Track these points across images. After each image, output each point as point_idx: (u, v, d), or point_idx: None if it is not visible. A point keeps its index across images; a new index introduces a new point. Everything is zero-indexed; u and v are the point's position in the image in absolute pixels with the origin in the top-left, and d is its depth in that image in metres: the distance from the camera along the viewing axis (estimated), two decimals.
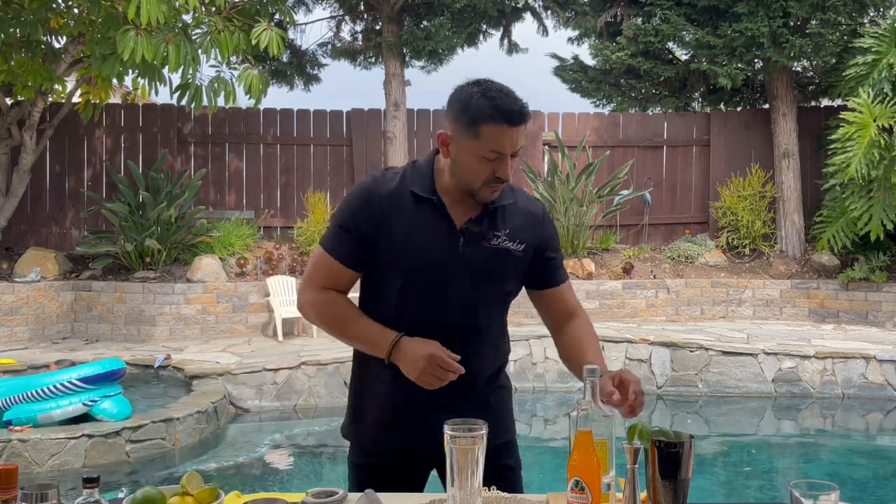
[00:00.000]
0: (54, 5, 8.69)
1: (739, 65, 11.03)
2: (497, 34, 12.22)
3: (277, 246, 10.42)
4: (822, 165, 10.64)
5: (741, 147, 11.78)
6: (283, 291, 9.36)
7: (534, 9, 12.20)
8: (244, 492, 1.79)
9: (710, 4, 10.79)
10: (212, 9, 8.34)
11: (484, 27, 11.92)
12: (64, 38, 9.33)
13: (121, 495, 1.67)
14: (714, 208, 11.47)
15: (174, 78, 8.26)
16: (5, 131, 9.83)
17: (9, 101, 9.82)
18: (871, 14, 11.21)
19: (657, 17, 11.51)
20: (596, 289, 10.05)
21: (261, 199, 11.30)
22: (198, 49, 7.90)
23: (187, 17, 8.35)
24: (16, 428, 5.51)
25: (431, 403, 1.89)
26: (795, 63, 11.29)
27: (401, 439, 1.99)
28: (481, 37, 12.03)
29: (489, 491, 1.77)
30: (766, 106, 11.84)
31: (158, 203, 9.56)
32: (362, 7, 11.60)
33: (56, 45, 9.49)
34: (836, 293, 10.17)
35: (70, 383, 5.67)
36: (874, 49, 9.95)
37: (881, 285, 9.87)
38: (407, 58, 11.28)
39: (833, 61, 11.00)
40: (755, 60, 11.22)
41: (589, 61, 12.84)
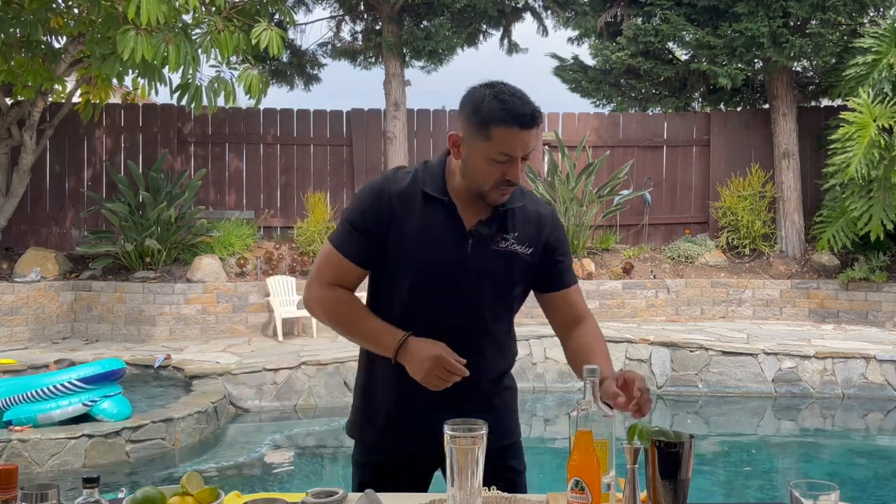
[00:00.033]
0: (54, 5, 8.69)
1: (739, 65, 11.03)
2: (497, 34, 12.22)
3: (277, 246, 10.42)
4: (822, 165, 10.64)
5: (741, 147, 11.78)
6: (283, 291, 9.36)
7: (534, 9, 12.20)
8: (244, 492, 1.79)
9: (710, 4, 10.79)
10: (212, 9, 8.34)
11: (484, 27, 11.92)
12: (64, 38, 9.33)
13: (121, 495, 1.67)
14: (714, 208, 11.47)
15: (174, 78, 8.27)
16: (5, 131, 9.83)
17: (9, 101, 9.83)
18: (871, 14, 11.21)
19: (657, 17, 11.51)
20: (596, 289, 10.05)
21: (261, 199, 11.30)
22: (198, 49, 7.90)
23: (187, 17, 8.35)
24: (16, 428, 5.51)
25: (435, 404, 1.89)
26: (795, 63, 11.29)
27: (405, 439, 1.99)
28: (481, 37, 12.03)
29: (489, 491, 1.77)
30: (766, 106, 11.84)
31: (158, 203, 9.56)
32: (362, 7, 11.60)
33: (56, 45, 9.49)
34: (836, 293, 10.17)
35: (70, 383, 5.67)
36: (874, 49, 9.96)
37: (881, 285, 9.87)
38: (407, 58, 11.28)
39: (833, 61, 11.00)
40: (755, 60, 11.22)
41: (589, 61, 12.85)
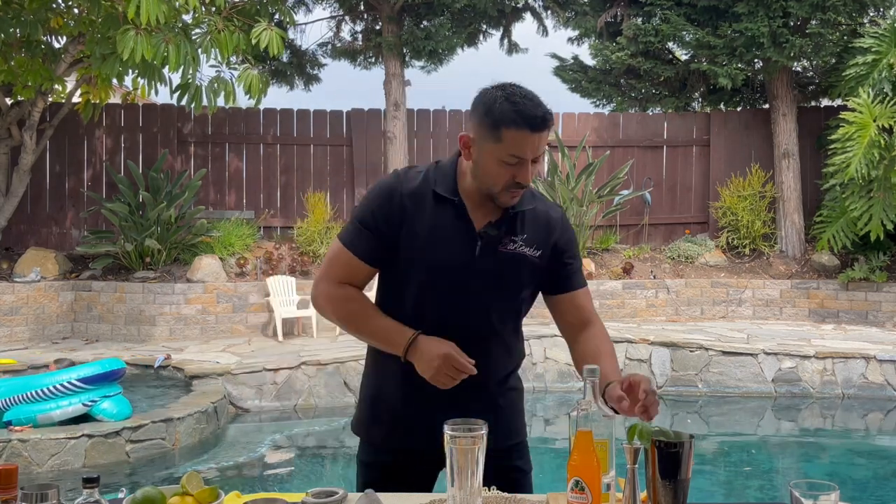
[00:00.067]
0: (54, 5, 8.69)
1: (739, 65, 11.03)
2: (497, 34, 12.22)
3: (277, 246, 10.42)
4: (822, 165, 10.64)
5: (741, 147, 11.78)
6: (283, 291, 9.36)
7: (534, 9, 12.20)
8: (244, 492, 1.79)
9: (710, 4, 10.80)
10: (212, 9, 8.34)
11: (484, 27, 11.92)
12: (64, 38, 9.33)
13: (121, 495, 1.67)
14: (714, 208, 11.47)
15: (174, 78, 8.27)
16: (5, 131, 9.83)
17: (9, 101, 9.83)
18: (871, 14, 11.21)
19: (657, 17, 11.51)
20: (596, 289, 10.05)
21: (261, 199, 11.30)
22: (198, 49, 7.90)
23: (187, 17, 8.35)
24: (16, 428, 5.51)
25: (441, 403, 1.88)
26: (795, 63, 11.29)
27: (409, 438, 1.99)
28: (481, 37, 12.03)
29: (489, 491, 1.77)
30: (766, 106, 11.84)
31: (158, 203, 9.56)
32: (362, 7, 11.60)
33: (56, 45, 9.49)
34: (836, 293, 10.17)
35: (70, 384, 5.67)
36: (874, 49, 9.96)
37: (881, 285, 9.87)
38: (407, 58, 11.28)
39: (833, 61, 11.00)
40: (755, 60, 11.22)
41: (589, 61, 12.85)
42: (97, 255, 9.78)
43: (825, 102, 12.24)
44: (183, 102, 8.37)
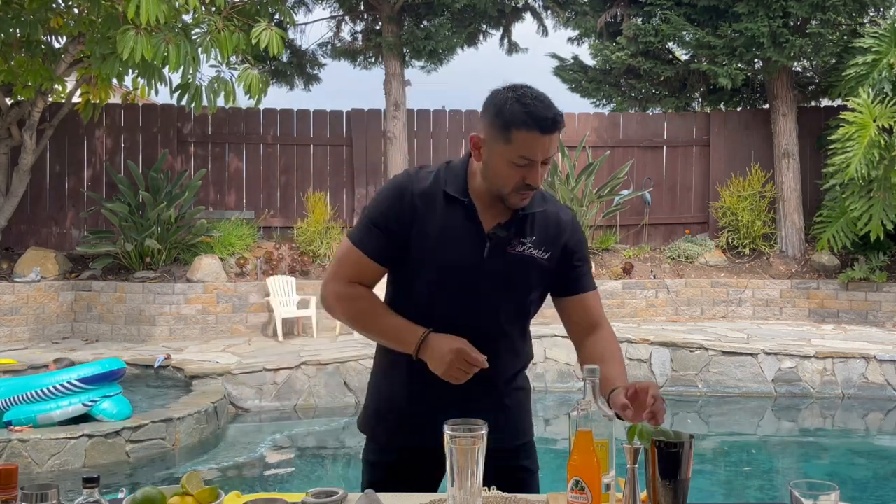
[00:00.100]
0: (54, 5, 8.69)
1: (739, 65, 11.03)
2: (497, 34, 12.23)
3: (277, 246, 10.42)
4: (822, 165, 10.64)
5: (741, 147, 11.78)
6: (283, 291, 9.36)
7: (534, 9, 12.20)
8: (244, 492, 1.79)
9: (710, 4, 10.80)
10: (212, 9, 8.34)
11: (484, 27, 11.93)
12: (64, 38, 9.33)
13: (121, 495, 1.67)
14: (714, 208, 11.47)
15: (174, 78, 8.27)
16: (5, 131, 9.83)
17: (9, 101, 9.83)
18: (871, 14, 11.22)
19: (657, 17, 11.52)
20: None
21: (261, 199, 11.30)
22: (198, 49, 7.90)
23: (187, 17, 8.35)
24: (16, 428, 5.51)
25: (447, 403, 1.88)
26: (795, 63, 11.29)
27: (415, 437, 1.98)
28: (481, 37, 12.03)
29: (489, 491, 1.77)
30: (766, 106, 11.84)
31: (158, 203, 9.56)
32: (362, 7, 11.60)
33: (56, 45, 9.49)
34: (836, 293, 10.17)
35: (70, 384, 5.67)
36: (874, 49, 9.96)
37: (881, 285, 9.87)
38: (407, 58, 11.28)
39: (833, 61, 11.00)
40: (755, 60, 11.22)
41: (589, 61, 12.85)
42: (97, 255, 9.78)
43: (825, 102, 12.24)
44: (183, 102, 8.37)
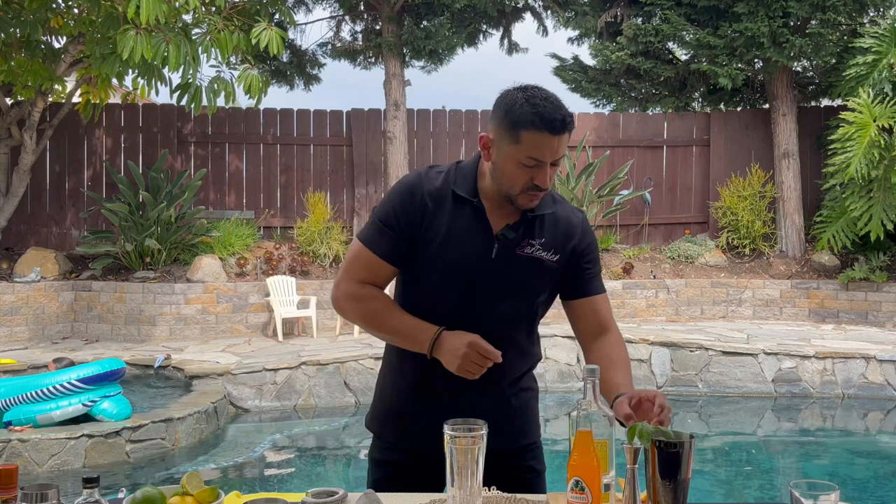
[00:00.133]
0: (54, 5, 8.69)
1: (739, 65, 11.03)
2: (497, 34, 12.23)
3: (277, 246, 10.42)
4: (822, 165, 10.65)
5: (741, 147, 11.78)
6: (283, 291, 9.36)
7: (534, 9, 12.20)
8: (244, 492, 1.79)
9: (710, 4, 10.80)
10: (212, 9, 8.34)
11: (484, 27, 11.93)
12: (64, 38, 9.33)
13: (121, 495, 1.67)
14: (714, 208, 11.47)
15: (174, 78, 8.28)
16: (5, 131, 9.83)
17: (9, 101, 9.83)
18: (871, 14, 11.22)
19: (657, 17, 11.52)
20: None
21: (261, 199, 11.30)
22: (198, 49, 7.89)
23: (187, 17, 8.35)
24: (16, 428, 5.51)
25: (454, 403, 1.88)
26: (795, 63, 11.29)
27: (421, 439, 1.98)
28: (481, 37, 12.03)
29: (489, 491, 1.77)
30: (766, 106, 11.84)
31: (158, 203, 9.56)
32: (362, 7, 11.60)
33: (56, 45, 9.49)
34: (836, 293, 10.17)
35: (70, 384, 5.67)
36: (874, 49, 9.96)
37: (881, 285, 9.88)
38: (407, 58, 11.28)
39: (833, 61, 11.00)
40: (755, 60, 11.22)
41: (589, 61, 12.85)
42: (97, 255, 9.78)
43: (825, 102, 12.25)
44: (183, 102, 8.37)
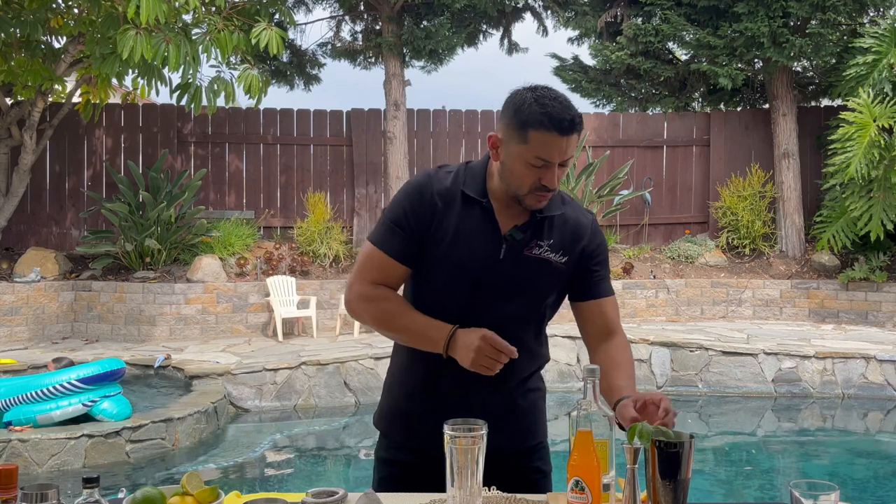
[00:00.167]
0: (54, 5, 8.69)
1: (739, 65, 11.03)
2: (497, 34, 12.22)
3: (277, 246, 10.42)
4: (822, 165, 10.65)
5: (741, 147, 11.78)
6: (283, 291, 9.36)
7: (534, 9, 12.20)
8: (244, 492, 1.79)
9: (710, 4, 10.80)
10: (212, 9, 8.34)
11: (484, 27, 11.92)
12: (64, 38, 9.34)
13: (121, 495, 1.67)
14: (714, 208, 11.47)
15: (174, 78, 8.28)
16: (5, 131, 9.83)
17: (9, 101, 9.83)
18: (871, 14, 11.22)
19: (657, 17, 11.52)
20: None
21: (261, 199, 11.30)
22: (198, 49, 7.89)
23: (187, 17, 8.35)
24: (16, 428, 5.51)
25: (461, 404, 1.88)
26: (795, 63, 11.29)
27: (428, 440, 1.97)
28: (481, 37, 12.03)
29: (489, 491, 1.77)
30: (766, 106, 11.84)
31: (158, 203, 9.56)
32: (362, 7, 11.60)
33: (56, 45, 9.49)
34: (836, 293, 10.17)
35: (70, 384, 5.67)
36: (874, 49, 9.96)
37: (881, 285, 9.88)
38: (407, 58, 11.28)
39: (833, 61, 11.00)
40: (755, 60, 11.22)
41: (589, 61, 12.85)
42: (97, 255, 9.78)
43: (825, 102, 12.25)
44: (183, 102, 8.38)
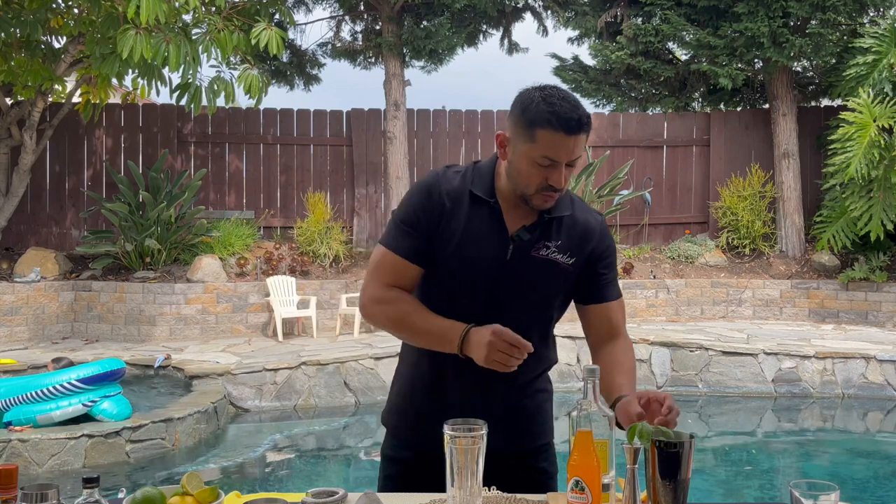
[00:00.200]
0: (54, 5, 8.69)
1: (739, 65, 11.02)
2: (497, 34, 12.22)
3: (277, 246, 10.42)
4: (822, 165, 10.65)
5: (741, 147, 11.78)
6: (283, 291, 9.36)
7: (534, 9, 12.20)
8: (244, 492, 1.79)
9: (710, 4, 10.80)
10: (212, 9, 8.34)
11: (484, 27, 11.92)
12: (64, 38, 9.34)
13: (121, 495, 1.67)
14: (714, 208, 11.47)
15: (174, 78, 8.28)
16: (5, 131, 9.83)
17: (9, 101, 9.83)
18: (871, 14, 11.22)
19: (657, 17, 11.52)
20: None
21: (261, 199, 11.30)
22: (198, 49, 7.89)
23: (187, 17, 8.35)
24: (16, 428, 5.51)
25: (467, 404, 1.88)
26: (795, 63, 11.29)
27: (434, 437, 1.97)
28: (481, 37, 12.02)
29: (489, 491, 1.77)
30: (766, 106, 11.84)
31: (158, 203, 9.56)
32: (362, 7, 11.60)
33: (56, 45, 9.49)
34: (836, 293, 10.17)
35: (70, 384, 5.67)
36: (874, 49, 9.96)
37: (881, 285, 9.87)
38: (407, 58, 11.28)
39: (833, 61, 11.00)
40: (755, 60, 11.22)
41: (589, 61, 12.85)
42: (97, 255, 9.78)
43: (825, 102, 12.25)
44: (183, 102, 8.37)
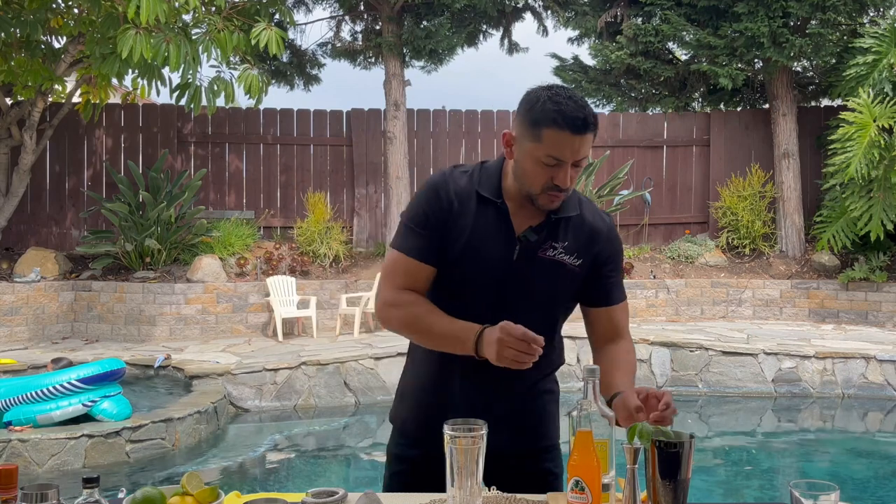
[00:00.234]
0: (54, 5, 8.69)
1: (739, 65, 11.02)
2: (497, 34, 12.22)
3: (277, 246, 10.42)
4: (822, 165, 10.65)
5: (741, 147, 11.78)
6: (283, 291, 9.36)
7: (534, 9, 12.20)
8: (244, 492, 1.79)
9: (710, 4, 10.79)
10: (212, 9, 8.34)
11: (484, 27, 11.92)
12: (64, 38, 9.34)
13: (121, 495, 1.67)
14: (714, 208, 11.47)
15: (174, 78, 8.28)
16: (5, 131, 9.83)
17: (9, 101, 9.83)
18: (871, 14, 11.22)
19: (657, 17, 11.52)
20: None
21: (261, 199, 11.30)
22: (198, 49, 7.89)
23: (187, 17, 8.35)
24: (16, 428, 5.51)
25: (473, 404, 1.88)
26: (795, 63, 11.29)
27: (439, 436, 1.97)
28: (481, 37, 12.02)
29: (489, 491, 1.77)
30: (766, 106, 11.84)
31: (158, 203, 9.56)
32: (362, 7, 11.60)
33: (56, 45, 9.49)
34: (836, 293, 10.17)
35: (69, 384, 5.67)
36: (874, 49, 9.96)
37: (881, 285, 9.87)
38: (407, 58, 11.28)
39: (833, 61, 11.00)
40: (755, 60, 11.22)
41: (589, 61, 12.85)
42: (97, 255, 9.78)
43: (825, 102, 12.25)
44: (183, 102, 8.37)
